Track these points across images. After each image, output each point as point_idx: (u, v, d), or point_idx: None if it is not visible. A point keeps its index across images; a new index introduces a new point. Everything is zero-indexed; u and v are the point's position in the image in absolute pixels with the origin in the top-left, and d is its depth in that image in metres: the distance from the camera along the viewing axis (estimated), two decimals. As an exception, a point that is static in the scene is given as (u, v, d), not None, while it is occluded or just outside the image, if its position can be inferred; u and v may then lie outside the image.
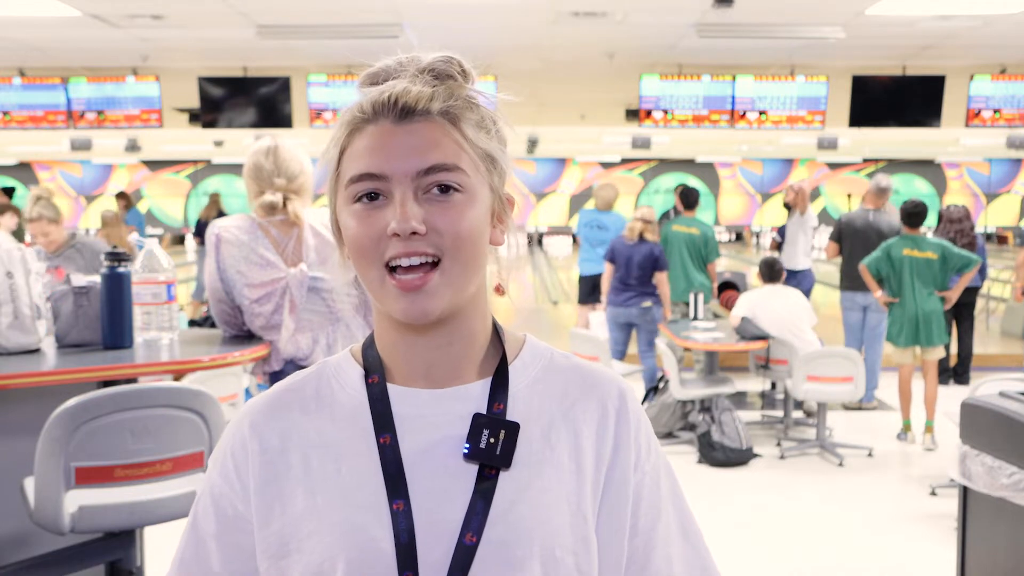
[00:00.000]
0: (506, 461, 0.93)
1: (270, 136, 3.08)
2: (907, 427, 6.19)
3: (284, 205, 2.95)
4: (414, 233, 0.90)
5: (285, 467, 0.97)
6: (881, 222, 7.09)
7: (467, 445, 0.93)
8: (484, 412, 0.96)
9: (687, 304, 7.25)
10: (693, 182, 19.38)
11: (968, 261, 6.00)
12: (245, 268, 2.91)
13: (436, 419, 0.96)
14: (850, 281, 6.95)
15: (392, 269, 0.92)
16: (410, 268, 0.91)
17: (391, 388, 0.98)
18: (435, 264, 0.92)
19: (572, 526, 0.95)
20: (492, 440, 0.93)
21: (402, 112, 0.93)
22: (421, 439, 0.95)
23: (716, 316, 7.83)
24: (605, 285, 7.07)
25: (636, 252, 6.81)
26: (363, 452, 0.95)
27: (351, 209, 0.94)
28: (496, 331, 1.02)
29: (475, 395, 0.97)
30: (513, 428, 0.95)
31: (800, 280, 7.63)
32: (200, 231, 11.55)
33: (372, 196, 0.92)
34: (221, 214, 11.27)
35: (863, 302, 6.92)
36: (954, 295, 6.09)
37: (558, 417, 0.98)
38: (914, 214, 6.13)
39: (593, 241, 7.98)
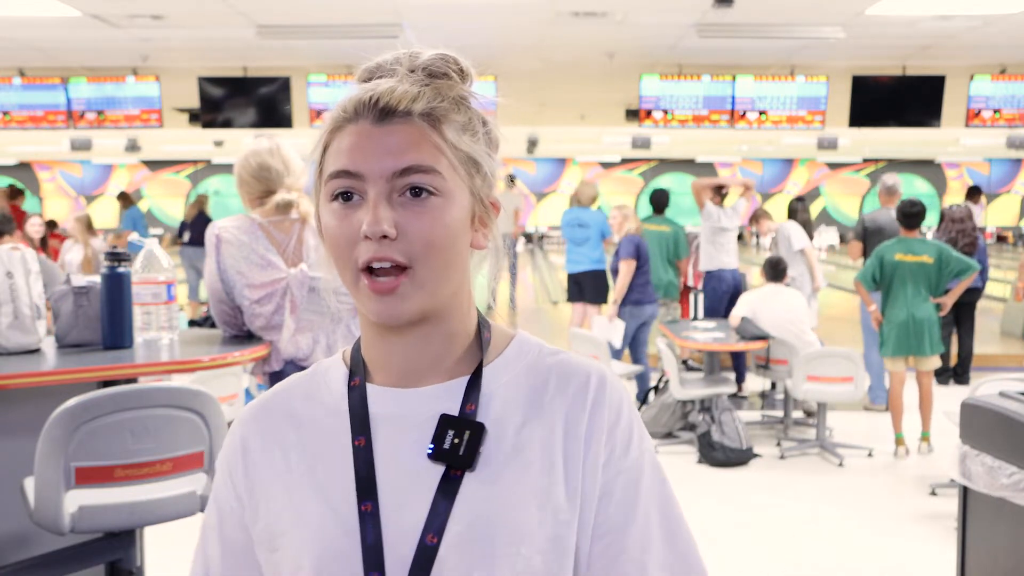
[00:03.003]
0: (468, 462, 0.93)
1: (267, 137, 3.07)
2: (899, 440, 5.86)
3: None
4: (384, 236, 0.90)
5: (267, 466, 0.99)
6: None
7: (431, 446, 0.93)
8: (458, 412, 0.95)
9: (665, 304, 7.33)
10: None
11: (967, 266, 5.66)
12: (246, 268, 2.90)
13: (411, 419, 0.96)
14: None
15: (367, 270, 0.92)
16: (382, 271, 0.91)
17: (370, 388, 0.98)
18: (406, 269, 0.91)
19: (541, 525, 0.92)
20: (456, 441, 0.93)
21: (382, 112, 0.92)
22: (394, 440, 0.96)
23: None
24: (623, 282, 6.86)
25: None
26: (339, 453, 0.96)
27: (330, 207, 0.94)
28: (480, 329, 1.01)
29: (450, 394, 0.97)
30: (478, 428, 0.94)
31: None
32: (183, 232, 11.45)
33: (347, 195, 0.92)
34: (203, 216, 11.19)
35: None
36: (949, 301, 5.77)
37: (533, 414, 0.96)
38: (911, 215, 5.76)
39: (576, 240, 7.87)
